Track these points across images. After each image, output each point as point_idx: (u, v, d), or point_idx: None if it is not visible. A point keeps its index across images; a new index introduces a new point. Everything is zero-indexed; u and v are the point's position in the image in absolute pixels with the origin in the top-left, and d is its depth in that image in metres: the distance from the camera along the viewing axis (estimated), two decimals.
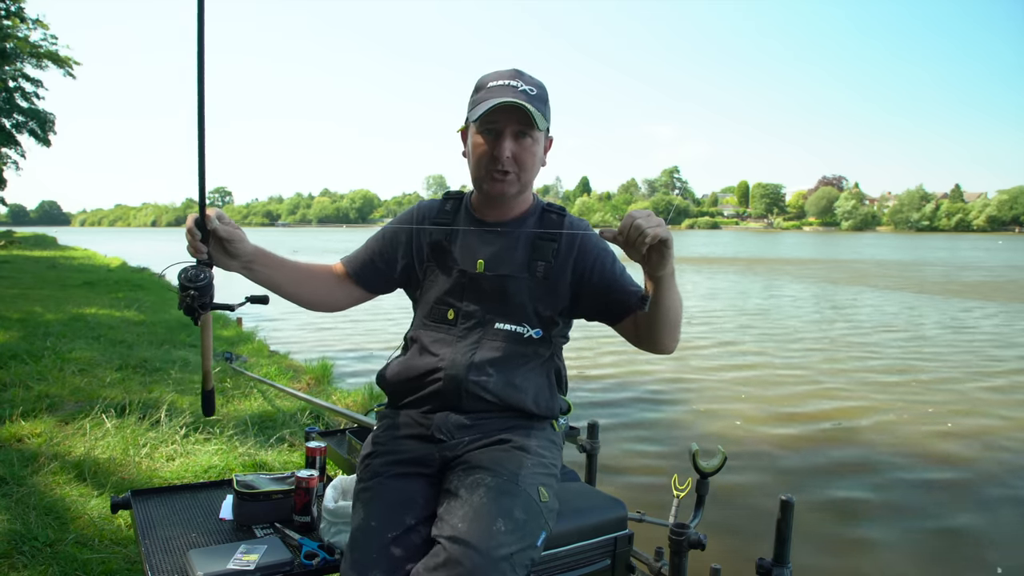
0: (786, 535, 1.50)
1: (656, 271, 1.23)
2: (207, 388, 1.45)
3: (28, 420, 3.54)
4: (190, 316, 1.27)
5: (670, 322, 1.35)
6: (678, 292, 1.34)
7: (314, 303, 1.55)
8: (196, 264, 1.28)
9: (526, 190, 1.49)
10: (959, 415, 4.99)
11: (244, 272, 1.40)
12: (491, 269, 1.46)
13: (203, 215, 1.27)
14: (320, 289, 1.55)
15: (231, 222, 1.32)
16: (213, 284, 1.28)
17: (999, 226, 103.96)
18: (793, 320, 10.14)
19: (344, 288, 1.58)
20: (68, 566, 2.14)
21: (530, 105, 1.36)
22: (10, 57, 20.67)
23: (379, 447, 1.46)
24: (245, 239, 1.35)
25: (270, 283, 1.44)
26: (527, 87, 1.41)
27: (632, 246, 1.17)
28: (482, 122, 1.39)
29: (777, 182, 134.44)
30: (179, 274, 1.26)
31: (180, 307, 1.26)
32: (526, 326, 1.45)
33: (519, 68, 1.45)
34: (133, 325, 7.03)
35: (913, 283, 16.85)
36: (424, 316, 1.51)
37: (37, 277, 12.98)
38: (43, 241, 36.89)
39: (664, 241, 1.17)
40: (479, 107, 1.39)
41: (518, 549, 1.22)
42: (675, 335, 1.40)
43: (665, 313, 1.33)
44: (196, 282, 1.24)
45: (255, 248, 1.39)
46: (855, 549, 2.97)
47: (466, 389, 1.41)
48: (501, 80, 1.42)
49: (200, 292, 1.24)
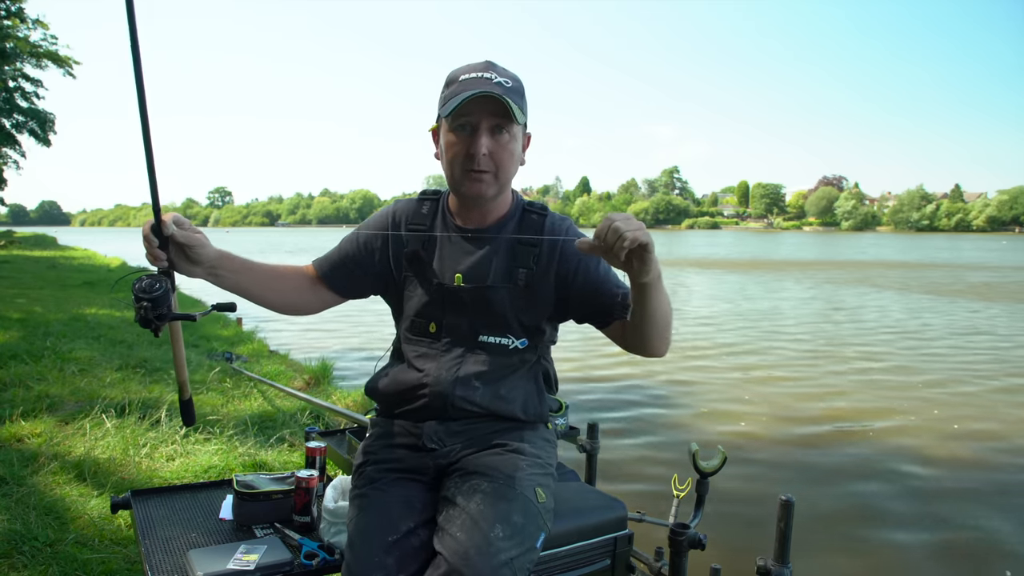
0: (786, 535, 1.50)
1: (640, 277, 1.17)
2: (184, 398, 1.41)
3: (28, 420, 3.54)
4: (147, 328, 1.20)
5: (658, 327, 1.29)
6: (666, 296, 1.27)
7: (283, 307, 1.48)
8: (154, 274, 1.22)
9: (504, 190, 1.41)
10: (966, 418, 4.97)
11: (209, 278, 1.32)
12: (471, 281, 1.39)
13: (158, 220, 1.21)
14: (289, 292, 1.48)
15: (191, 226, 1.25)
16: (171, 294, 1.22)
17: (999, 226, 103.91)
18: (795, 321, 10.14)
19: (315, 291, 1.50)
20: (68, 566, 2.14)
21: (507, 97, 1.29)
22: (10, 57, 20.65)
23: (372, 456, 1.44)
24: (207, 244, 1.27)
25: (237, 288, 1.37)
26: (502, 79, 1.32)
27: (611, 251, 1.10)
28: (455, 117, 1.31)
29: (777, 182, 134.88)
30: (133, 284, 1.20)
31: (135, 319, 1.20)
32: (511, 337, 1.41)
33: (491, 60, 1.37)
34: (133, 325, 6.97)
35: (923, 284, 16.83)
36: (406, 329, 1.47)
37: (37, 277, 12.98)
38: (43, 241, 36.89)
39: (644, 245, 1.10)
40: (451, 101, 1.29)
41: (518, 554, 1.21)
42: (665, 338, 1.33)
43: (652, 318, 1.26)
44: (150, 293, 1.18)
45: (218, 253, 1.31)
46: (855, 549, 2.97)
47: (452, 404, 1.38)
48: (473, 72, 1.33)
49: (154, 303, 1.18)
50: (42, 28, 20.80)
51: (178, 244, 1.24)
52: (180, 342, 1.35)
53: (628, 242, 1.08)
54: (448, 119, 1.33)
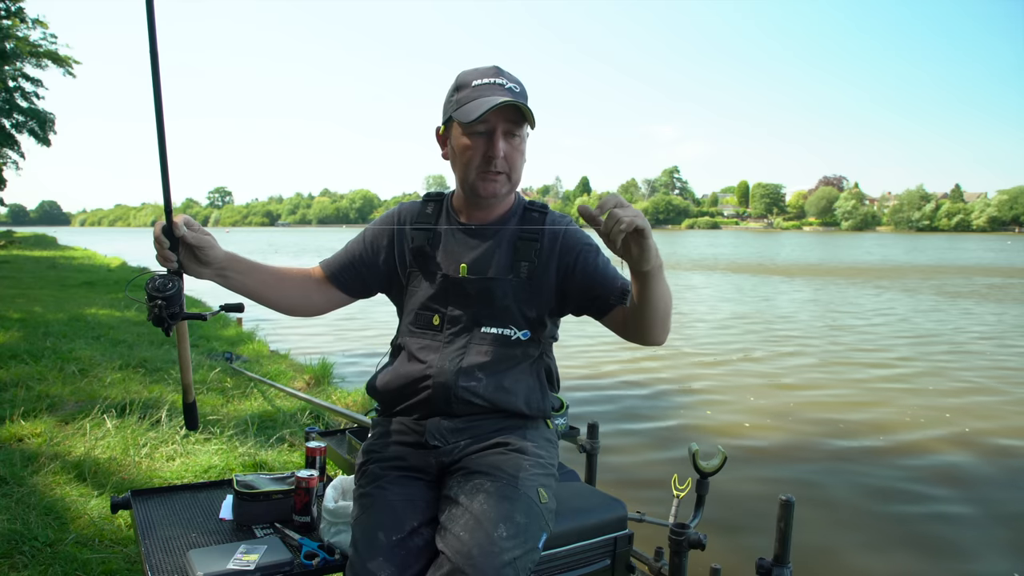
0: (786, 535, 1.50)
1: (640, 266, 1.18)
2: (188, 401, 1.40)
3: (28, 420, 3.54)
4: (159, 327, 1.22)
5: (659, 316, 1.30)
6: (667, 285, 1.29)
7: (290, 308, 1.50)
8: (165, 273, 1.23)
9: (514, 189, 1.47)
10: (974, 419, 4.96)
11: (217, 279, 1.34)
12: (475, 272, 1.43)
13: (170, 222, 1.22)
14: (295, 293, 1.50)
15: (200, 228, 1.27)
16: (183, 293, 1.23)
17: (999, 226, 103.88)
18: (796, 321, 10.14)
19: (322, 292, 1.53)
20: (68, 566, 2.14)
21: (521, 102, 1.34)
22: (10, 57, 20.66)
23: (375, 454, 1.45)
24: (216, 245, 1.29)
25: (244, 289, 1.40)
26: (511, 84, 1.38)
27: (608, 236, 1.11)
28: (474, 123, 1.34)
29: (777, 182, 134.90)
30: (146, 284, 1.21)
31: (148, 318, 1.22)
32: (513, 328, 1.44)
33: (498, 65, 1.41)
34: (133, 325, 7.02)
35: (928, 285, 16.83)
36: (410, 323, 1.49)
37: (37, 277, 12.99)
38: (43, 241, 36.93)
39: (641, 231, 1.11)
40: (470, 107, 1.34)
41: (521, 554, 1.21)
42: (665, 327, 1.35)
43: (653, 308, 1.28)
44: (164, 292, 1.20)
45: (227, 254, 1.33)
46: (856, 550, 2.97)
47: (455, 395, 1.39)
48: (485, 79, 1.37)
49: (168, 302, 1.20)
50: (42, 27, 20.84)
51: (188, 245, 1.26)
52: (186, 343, 1.36)
53: (625, 225, 1.09)
54: (464, 124, 1.36)
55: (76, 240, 44.02)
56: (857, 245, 48.06)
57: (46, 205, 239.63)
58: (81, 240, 44.38)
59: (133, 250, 31.80)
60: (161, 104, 1.18)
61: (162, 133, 1.19)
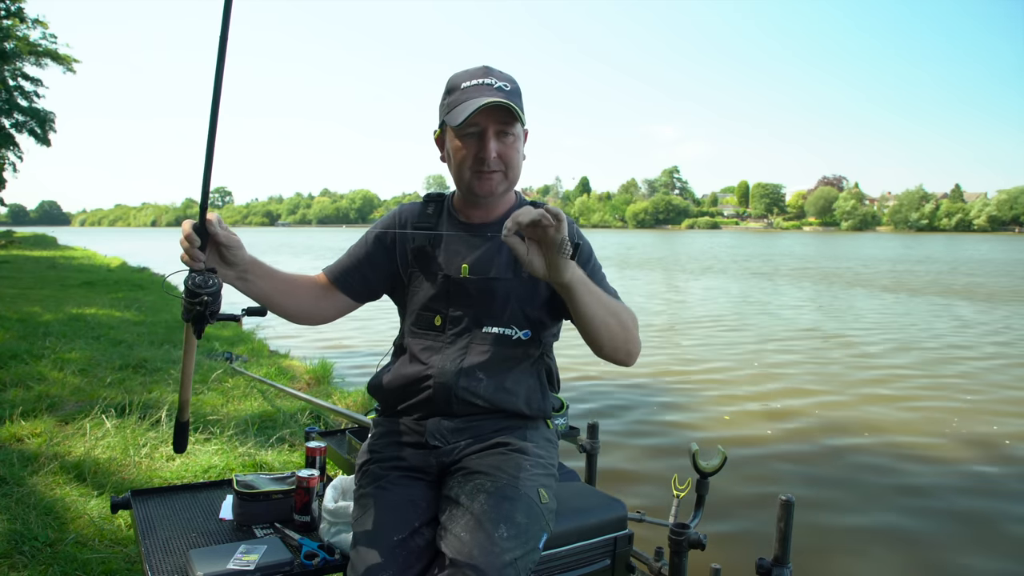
0: (786, 535, 1.50)
1: (555, 275, 1.19)
2: (182, 420, 1.34)
3: (28, 420, 3.54)
4: (197, 325, 1.17)
5: (599, 333, 1.29)
6: (603, 301, 1.29)
7: (301, 315, 1.48)
8: (203, 270, 1.17)
9: (513, 186, 1.46)
10: (972, 419, 4.97)
11: (238, 283, 1.31)
12: (476, 272, 1.43)
13: (203, 220, 1.17)
14: (307, 302, 1.48)
15: (227, 227, 1.24)
16: (221, 292, 1.18)
17: (999, 226, 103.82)
18: (797, 322, 10.13)
19: (329, 298, 1.52)
20: (68, 566, 2.14)
21: (509, 101, 1.32)
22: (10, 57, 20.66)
23: (376, 455, 1.45)
24: (243, 246, 1.27)
25: (262, 295, 1.37)
26: (501, 83, 1.36)
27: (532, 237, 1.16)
28: (463, 125, 1.33)
29: (777, 182, 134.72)
30: (186, 280, 1.15)
31: (186, 317, 1.15)
32: (514, 328, 1.43)
33: (487, 65, 1.41)
34: (133, 325, 7.02)
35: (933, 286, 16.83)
36: (412, 323, 1.49)
37: (37, 277, 12.98)
38: (43, 241, 36.90)
39: (544, 228, 1.12)
40: (458, 110, 1.33)
41: (521, 554, 1.22)
42: (616, 348, 1.34)
43: (589, 323, 1.27)
44: (207, 288, 1.13)
45: (251, 257, 1.31)
46: (856, 550, 2.97)
47: (456, 395, 1.39)
48: (474, 80, 1.36)
49: (214, 298, 1.14)
50: (41, 27, 20.84)
51: (217, 245, 1.23)
52: (193, 353, 1.30)
53: (532, 218, 1.12)
54: (456, 127, 1.34)
55: (76, 240, 43.97)
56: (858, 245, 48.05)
57: (46, 205, 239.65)
58: (81, 240, 44.32)
59: (133, 250, 31.79)
60: (218, 107, 1.14)
61: (213, 133, 1.15)
